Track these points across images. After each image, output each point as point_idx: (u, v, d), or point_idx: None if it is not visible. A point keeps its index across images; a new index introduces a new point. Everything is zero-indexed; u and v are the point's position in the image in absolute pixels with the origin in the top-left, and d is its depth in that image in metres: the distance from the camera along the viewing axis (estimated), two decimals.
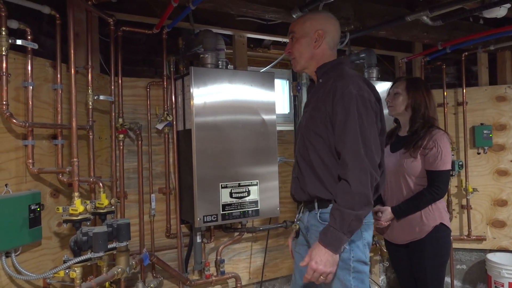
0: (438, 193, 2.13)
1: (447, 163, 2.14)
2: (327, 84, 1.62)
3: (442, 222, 2.17)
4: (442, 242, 2.18)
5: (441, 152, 2.12)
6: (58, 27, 2.01)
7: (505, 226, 3.43)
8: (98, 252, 1.72)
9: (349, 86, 1.53)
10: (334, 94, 1.54)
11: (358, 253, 1.59)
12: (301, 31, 1.69)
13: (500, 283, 3.16)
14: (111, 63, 2.37)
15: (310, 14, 1.77)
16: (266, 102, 2.56)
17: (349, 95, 1.52)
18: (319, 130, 1.60)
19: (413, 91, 2.25)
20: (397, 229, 2.24)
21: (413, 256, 2.23)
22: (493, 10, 2.36)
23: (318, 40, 1.67)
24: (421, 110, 2.23)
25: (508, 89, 3.47)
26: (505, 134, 3.43)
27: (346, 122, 1.51)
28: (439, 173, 2.13)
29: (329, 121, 1.56)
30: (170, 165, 2.60)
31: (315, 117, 1.62)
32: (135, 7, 2.46)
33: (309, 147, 1.64)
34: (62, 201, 2.00)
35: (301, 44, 1.69)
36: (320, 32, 1.66)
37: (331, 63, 1.69)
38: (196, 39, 2.52)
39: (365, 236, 1.62)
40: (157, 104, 2.59)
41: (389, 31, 2.86)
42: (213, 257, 2.72)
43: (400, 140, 2.30)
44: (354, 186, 1.46)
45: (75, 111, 1.89)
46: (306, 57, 1.70)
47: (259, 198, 2.51)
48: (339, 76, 1.60)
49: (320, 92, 1.64)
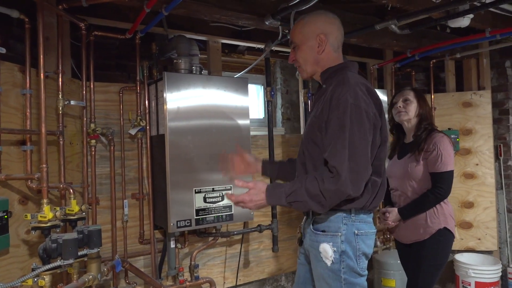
0: (441, 194, 2.19)
1: (448, 165, 2.20)
2: (328, 90, 1.56)
3: (446, 227, 2.22)
4: (442, 246, 2.23)
5: (441, 154, 2.19)
6: (28, 31, 1.98)
7: (471, 227, 3.56)
8: (68, 260, 1.69)
9: (346, 94, 1.47)
10: (331, 101, 1.49)
11: (350, 264, 1.54)
12: (302, 38, 1.63)
13: (467, 282, 3.27)
14: (83, 68, 2.35)
15: (308, 17, 1.66)
16: (240, 107, 2.58)
17: (344, 104, 1.45)
18: (315, 138, 1.56)
19: (422, 100, 2.35)
20: (404, 229, 2.32)
21: (413, 256, 2.29)
22: (457, 20, 2.46)
23: (321, 45, 1.60)
24: (428, 118, 2.33)
25: (473, 95, 3.61)
26: (471, 138, 3.57)
27: (336, 132, 1.46)
28: (441, 175, 2.20)
29: (325, 130, 1.52)
30: (144, 170, 2.59)
31: (314, 124, 1.58)
32: (108, 12, 2.44)
33: (306, 155, 1.62)
34: (31, 208, 1.96)
35: (303, 51, 1.63)
36: (322, 37, 1.60)
37: (334, 68, 1.62)
38: (169, 44, 2.53)
39: (361, 247, 1.56)
40: (130, 109, 2.57)
41: (360, 39, 2.94)
42: (187, 262, 2.71)
43: (406, 146, 2.38)
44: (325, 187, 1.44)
45: (44, 117, 1.87)
46: (312, 63, 1.64)
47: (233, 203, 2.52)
48: (339, 83, 1.53)
49: (321, 98, 1.59)
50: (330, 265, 1.54)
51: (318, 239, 1.58)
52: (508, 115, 3.77)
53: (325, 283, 1.58)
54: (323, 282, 1.59)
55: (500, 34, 2.78)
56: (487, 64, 3.68)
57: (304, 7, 2.12)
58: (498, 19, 2.78)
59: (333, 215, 1.56)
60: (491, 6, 2.23)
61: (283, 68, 3.93)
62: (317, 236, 1.59)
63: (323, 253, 1.56)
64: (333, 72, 1.61)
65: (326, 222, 1.58)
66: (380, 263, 3.34)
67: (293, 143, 3.26)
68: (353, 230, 1.56)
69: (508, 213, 3.77)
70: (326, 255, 1.55)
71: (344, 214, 1.56)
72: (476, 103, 3.60)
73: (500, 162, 3.77)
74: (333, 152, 1.45)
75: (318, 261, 1.59)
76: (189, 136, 2.39)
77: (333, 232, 1.56)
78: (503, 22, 2.80)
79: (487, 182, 3.56)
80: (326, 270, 1.56)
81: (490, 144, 3.57)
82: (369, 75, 3.70)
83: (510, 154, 3.76)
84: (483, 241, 3.56)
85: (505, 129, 3.78)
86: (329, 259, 1.54)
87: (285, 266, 3.20)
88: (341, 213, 1.55)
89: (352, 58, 3.53)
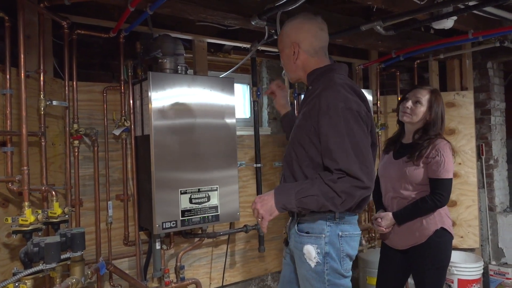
0: (440, 201, 2.12)
1: (449, 172, 2.14)
2: (315, 93, 1.57)
3: (442, 227, 2.16)
4: (442, 247, 2.16)
5: (444, 161, 2.11)
6: (8, 30, 1.93)
7: (454, 225, 3.59)
8: (51, 264, 1.66)
9: (335, 99, 1.47)
10: (320, 107, 1.49)
11: (334, 265, 1.55)
12: (281, 46, 1.71)
13: (450, 280, 3.32)
14: (65, 67, 2.30)
15: (286, 26, 1.70)
16: (225, 107, 2.56)
17: (336, 109, 1.46)
18: (302, 141, 1.57)
19: (435, 106, 2.21)
20: (399, 234, 2.23)
21: (413, 262, 2.22)
22: (441, 22, 2.49)
23: (296, 53, 1.64)
24: (437, 124, 2.21)
25: (456, 96, 3.67)
26: (454, 138, 3.62)
27: (336, 139, 1.46)
28: (442, 181, 2.12)
29: (314, 135, 1.52)
30: (128, 171, 2.55)
31: (302, 128, 1.58)
32: (92, 10, 2.40)
33: (293, 157, 1.62)
34: (12, 211, 1.92)
35: (283, 58, 1.71)
36: (294, 44, 1.64)
37: (320, 70, 1.63)
38: (154, 44, 2.49)
39: (345, 248, 1.57)
40: (114, 109, 2.53)
41: (345, 39, 2.95)
42: (173, 263, 2.69)
43: (403, 147, 2.28)
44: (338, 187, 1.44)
45: (25, 117, 1.83)
46: (293, 70, 1.70)
47: (219, 203, 2.51)
48: (326, 86, 1.53)
49: (308, 101, 1.61)
50: (314, 267, 1.55)
51: (302, 240, 1.59)
52: (489, 115, 3.85)
53: (309, 284, 1.59)
54: (307, 283, 1.60)
55: (482, 36, 2.83)
56: (469, 65, 3.74)
57: (290, 8, 2.12)
58: (480, 21, 2.83)
59: (317, 216, 1.57)
60: (474, 9, 2.26)
61: (269, 68, 3.92)
62: (301, 238, 1.59)
63: (306, 254, 1.57)
64: (320, 74, 1.63)
65: (310, 224, 1.59)
66: (365, 261, 3.37)
67: (279, 142, 3.26)
68: (337, 232, 1.57)
69: (489, 211, 3.85)
70: (310, 256, 1.56)
71: (328, 216, 1.56)
72: (459, 103, 3.65)
73: (482, 161, 3.85)
74: (338, 157, 1.45)
75: (302, 262, 1.60)
76: (174, 136, 2.36)
77: (317, 233, 1.57)
78: (485, 24, 2.85)
79: (470, 181, 3.62)
80: (310, 272, 1.57)
81: (472, 144, 3.63)
82: (354, 75, 3.73)
83: (491, 153, 3.84)
84: (465, 239, 3.62)
85: (486, 129, 3.86)
86: (312, 261, 1.55)
87: (271, 266, 3.20)
88: (325, 215, 1.56)
89: (337, 59, 3.55)
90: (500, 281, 3.62)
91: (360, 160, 1.44)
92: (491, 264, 3.71)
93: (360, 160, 1.44)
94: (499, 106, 3.96)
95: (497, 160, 3.91)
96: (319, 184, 1.46)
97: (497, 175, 3.89)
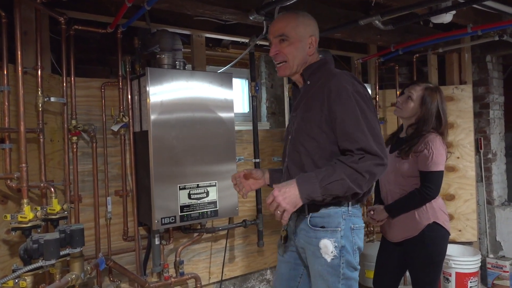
0: (429, 194, 2.14)
1: (438, 165, 2.14)
2: (316, 85, 1.59)
3: (435, 221, 2.16)
4: (435, 242, 2.17)
5: (432, 154, 2.12)
6: (4, 26, 1.93)
7: (452, 219, 3.63)
8: (50, 260, 1.67)
9: (342, 84, 1.52)
10: (329, 95, 1.52)
11: (349, 258, 1.56)
12: (296, 36, 1.62)
13: (448, 273, 3.34)
14: (63, 63, 2.29)
15: (301, 17, 1.67)
16: (224, 101, 2.56)
17: (346, 93, 1.50)
18: (313, 133, 1.56)
19: (429, 103, 2.19)
20: (393, 227, 2.27)
21: (408, 255, 2.24)
22: (440, 16, 2.48)
23: (312, 47, 1.65)
24: (429, 121, 2.19)
25: (455, 90, 3.66)
26: (453, 132, 3.62)
27: (352, 121, 1.48)
28: (430, 174, 2.13)
29: (325, 123, 1.53)
30: (127, 167, 2.56)
31: (309, 119, 1.58)
32: (89, 6, 2.39)
33: (301, 151, 1.59)
34: (11, 207, 1.93)
35: (296, 48, 1.63)
36: (313, 38, 1.65)
37: (317, 63, 1.67)
38: (152, 39, 2.48)
39: (356, 241, 1.59)
40: (112, 105, 2.53)
41: (344, 33, 2.94)
42: (172, 258, 2.70)
43: (399, 141, 2.30)
44: (361, 167, 1.45)
45: (23, 114, 1.83)
46: (300, 62, 1.65)
47: (218, 199, 2.52)
48: (329, 76, 1.57)
49: (310, 94, 1.62)
50: (330, 261, 1.54)
51: (317, 235, 1.58)
52: (488, 109, 3.85)
53: (322, 279, 1.57)
54: (320, 279, 1.59)
55: (481, 30, 2.81)
56: (468, 58, 3.73)
57: (289, 3, 2.11)
58: (479, 15, 2.81)
59: (333, 210, 1.57)
60: (474, 3, 2.25)
61: (268, 62, 3.91)
62: (316, 233, 1.58)
63: (323, 249, 1.56)
64: (316, 68, 1.66)
65: (325, 218, 1.58)
66: (364, 255, 3.39)
67: (278, 137, 3.26)
68: (349, 225, 1.58)
69: (487, 204, 3.87)
70: (327, 251, 1.55)
71: (343, 209, 1.58)
72: (458, 97, 3.65)
73: (480, 155, 3.85)
74: (352, 138, 1.48)
75: (317, 258, 1.58)
76: (173, 131, 2.36)
77: (333, 227, 1.56)
78: (484, 18, 2.84)
79: (468, 175, 3.62)
80: (325, 266, 1.56)
81: (471, 138, 3.63)
82: (353, 69, 3.72)
83: (490, 147, 3.84)
84: (463, 232, 3.64)
85: (485, 123, 3.86)
86: (329, 255, 1.55)
87: (270, 260, 3.22)
88: (340, 208, 1.58)
89: (336, 53, 3.55)
90: (497, 274, 3.64)
91: (375, 139, 1.48)
92: (488, 257, 3.73)
93: (375, 138, 1.48)
94: (498, 100, 3.95)
95: (496, 154, 3.91)
96: (342, 168, 1.46)
97: (496, 169, 3.90)
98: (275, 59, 1.67)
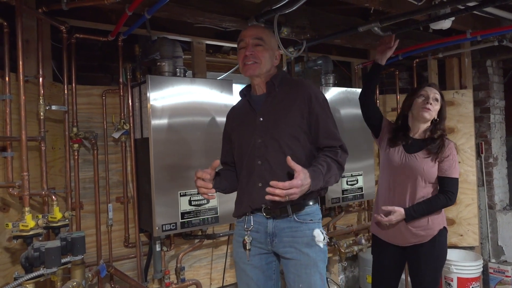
0: (451, 199, 2.17)
1: (458, 172, 2.21)
2: (290, 92, 1.77)
3: (445, 226, 2.23)
4: (443, 246, 2.22)
5: (455, 161, 2.18)
6: (6, 35, 1.95)
7: (454, 223, 3.63)
8: (51, 268, 1.68)
9: (318, 91, 1.79)
10: (310, 100, 1.73)
11: None
12: (270, 44, 1.80)
13: (450, 278, 3.34)
14: (64, 71, 2.31)
15: (272, 33, 1.94)
16: (225, 109, 2.56)
17: (323, 99, 1.78)
18: (296, 133, 1.72)
19: (444, 106, 2.29)
20: (401, 231, 2.21)
21: (413, 260, 2.24)
22: (439, 22, 2.49)
23: (277, 60, 1.85)
24: (443, 122, 2.28)
25: (455, 94, 3.67)
26: (454, 137, 3.62)
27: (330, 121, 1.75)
28: (453, 180, 2.18)
29: (306, 124, 1.73)
30: (128, 173, 2.57)
31: (290, 122, 1.72)
32: (90, 14, 2.41)
33: (286, 151, 1.68)
34: (13, 215, 1.94)
35: (269, 55, 1.79)
36: (279, 53, 1.87)
37: (283, 73, 1.88)
38: (153, 46, 2.50)
39: None
40: (113, 112, 2.55)
41: (343, 40, 2.96)
42: (173, 264, 2.71)
43: (416, 142, 2.25)
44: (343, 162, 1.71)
45: (24, 123, 1.84)
46: (268, 68, 1.80)
47: (219, 205, 2.53)
48: (302, 85, 1.79)
49: (282, 99, 1.76)
50: (323, 247, 1.73)
51: (309, 226, 1.73)
52: (489, 113, 3.85)
53: (315, 266, 1.71)
54: (313, 268, 1.71)
55: (480, 36, 2.82)
56: (468, 63, 3.74)
57: (287, 11, 2.12)
58: (478, 21, 2.82)
59: (315, 207, 1.77)
60: (473, 10, 2.25)
61: None
62: (308, 224, 1.73)
63: (317, 237, 1.71)
64: (283, 77, 1.84)
65: (311, 212, 1.75)
66: (365, 260, 3.39)
67: None
68: (320, 217, 1.81)
69: (489, 209, 3.86)
70: (320, 238, 1.71)
71: (317, 204, 1.80)
72: (459, 102, 3.65)
73: (482, 160, 3.85)
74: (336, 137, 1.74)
75: (311, 247, 1.71)
76: (173, 139, 2.38)
77: (317, 219, 1.77)
78: (483, 23, 2.85)
79: (469, 180, 3.62)
80: (319, 253, 1.72)
81: (472, 143, 3.63)
82: (353, 74, 3.73)
83: (491, 151, 3.84)
84: (465, 237, 3.63)
85: (486, 127, 3.86)
86: (322, 242, 1.72)
87: None
88: (318, 204, 1.80)
89: (336, 58, 3.56)
90: (499, 279, 3.63)
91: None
92: (490, 262, 3.72)
93: None
94: (499, 104, 3.95)
95: (497, 158, 3.91)
96: (334, 163, 1.67)
97: (497, 173, 3.89)
98: (248, 58, 1.75)
